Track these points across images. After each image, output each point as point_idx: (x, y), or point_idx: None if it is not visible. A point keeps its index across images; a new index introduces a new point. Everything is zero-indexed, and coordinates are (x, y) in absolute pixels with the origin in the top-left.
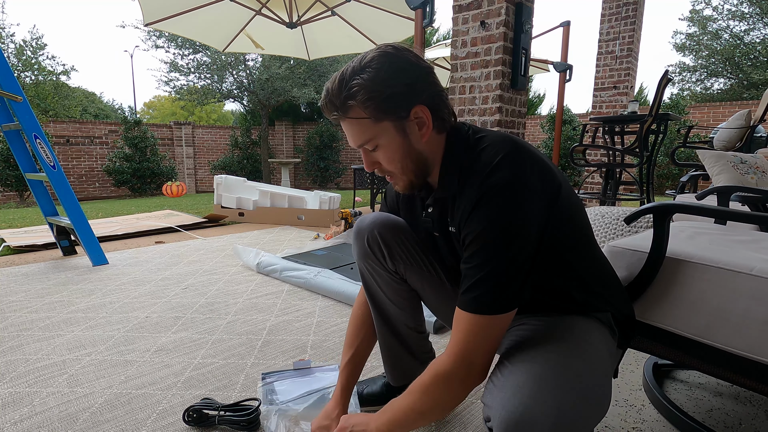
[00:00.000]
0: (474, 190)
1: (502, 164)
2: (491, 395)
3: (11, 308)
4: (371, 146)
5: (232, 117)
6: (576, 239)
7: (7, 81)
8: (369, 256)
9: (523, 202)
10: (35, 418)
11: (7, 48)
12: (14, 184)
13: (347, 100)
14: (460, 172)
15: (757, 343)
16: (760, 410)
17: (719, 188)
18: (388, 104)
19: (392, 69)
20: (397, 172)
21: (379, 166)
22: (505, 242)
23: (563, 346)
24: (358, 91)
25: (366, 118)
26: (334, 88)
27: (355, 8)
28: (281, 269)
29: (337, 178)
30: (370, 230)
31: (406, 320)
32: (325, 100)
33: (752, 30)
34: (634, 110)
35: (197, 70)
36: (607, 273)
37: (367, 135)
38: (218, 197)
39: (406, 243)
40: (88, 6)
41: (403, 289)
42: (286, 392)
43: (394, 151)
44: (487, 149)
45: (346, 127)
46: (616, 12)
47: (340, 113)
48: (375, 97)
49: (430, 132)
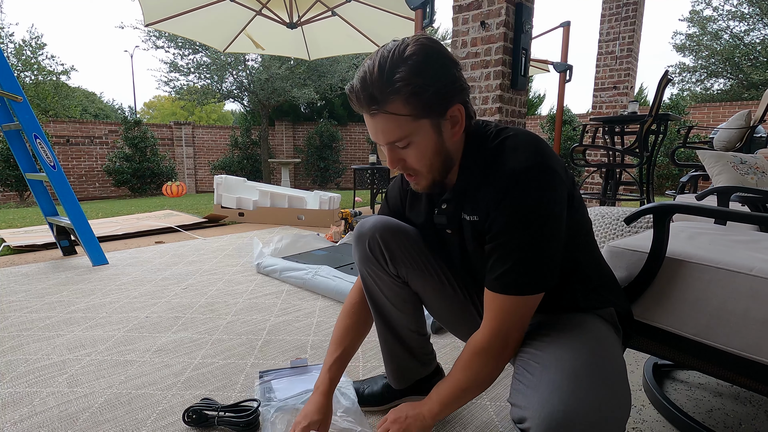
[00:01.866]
0: (503, 176)
1: (529, 150)
2: (524, 396)
3: (11, 308)
4: (403, 144)
5: (232, 117)
6: (583, 236)
7: (7, 81)
8: (370, 260)
9: (554, 185)
10: (35, 418)
11: (6, 48)
12: (14, 184)
13: (391, 94)
14: (484, 164)
15: (756, 343)
16: (760, 410)
17: (719, 188)
18: (430, 102)
19: (436, 65)
20: (424, 171)
21: (403, 164)
22: (539, 223)
23: (587, 344)
24: (404, 86)
25: (405, 115)
26: (374, 79)
27: (355, 8)
28: (281, 269)
29: (337, 178)
30: (371, 234)
31: (408, 323)
32: (362, 92)
33: (752, 30)
34: (634, 110)
35: (197, 70)
36: (607, 272)
37: (401, 132)
38: (218, 197)
39: (408, 246)
40: (87, 6)
41: (405, 292)
42: (284, 390)
43: (427, 149)
44: (511, 138)
45: (378, 121)
46: (616, 12)
47: (379, 106)
48: (419, 93)
49: (462, 131)
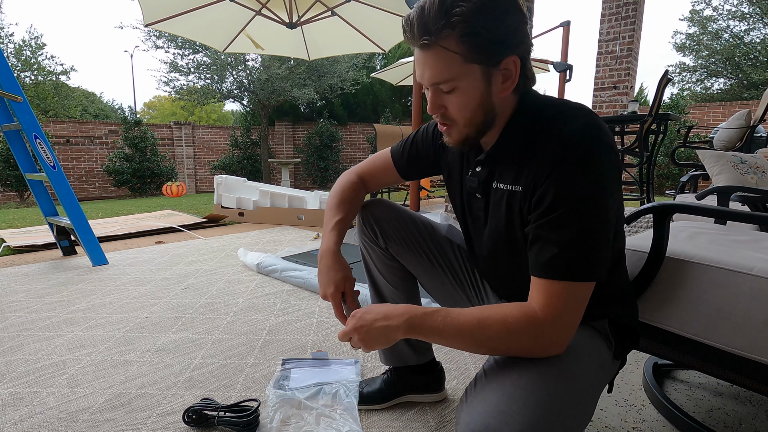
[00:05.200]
0: (559, 146)
1: (589, 125)
2: (460, 410)
3: (11, 308)
4: (448, 87)
5: (232, 117)
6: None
7: (7, 81)
8: (364, 233)
9: (612, 162)
10: (35, 419)
11: (6, 48)
12: (14, 184)
13: (446, 27)
14: (531, 131)
15: (757, 343)
16: (760, 410)
17: (719, 188)
18: (485, 47)
19: (499, 8)
20: (462, 123)
21: (444, 111)
22: (596, 201)
23: (542, 361)
24: (460, 21)
25: (457, 54)
26: (433, 8)
27: (355, 8)
28: (281, 269)
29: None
30: (363, 211)
31: (399, 301)
32: (419, 20)
33: (752, 30)
34: (634, 110)
35: (197, 70)
36: (622, 282)
37: (450, 73)
38: (218, 197)
39: (398, 225)
40: (87, 6)
41: (395, 267)
42: (299, 380)
43: (471, 98)
44: (570, 112)
45: (428, 57)
46: (616, 12)
47: (432, 38)
48: (475, 34)
49: (512, 87)
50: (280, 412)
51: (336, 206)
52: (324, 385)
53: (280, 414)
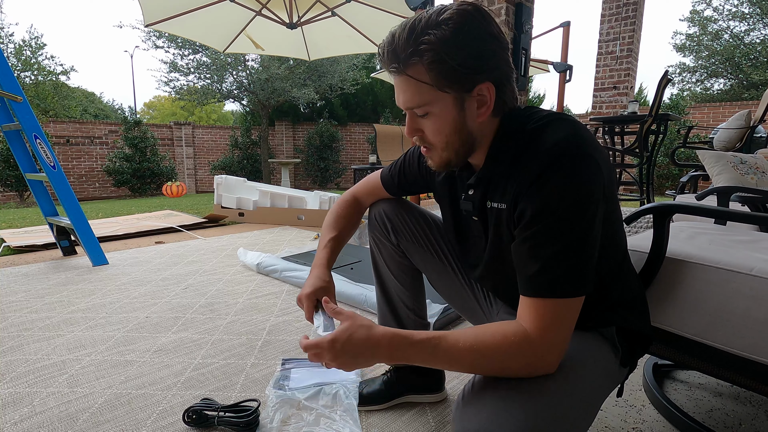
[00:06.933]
0: (538, 160)
1: (569, 136)
2: (456, 411)
3: (11, 308)
4: (422, 112)
5: (232, 117)
6: (610, 238)
7: (7, 81)
8: (375, 227)
9: (593, 174)
10: (35, 419)
11: (6, 48)
12: (14, 184)
13: (413, 55)
14: (516, 150)
15: (757, 343)
16: (760, 410)
17: (719, 188)
18: (454, 75)
19: (470, 36)
20: (440, 147)
21: (421, 134)
22: (578, 215)
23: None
24: (427, 50)
25: (425, 83)
26: (402, 38)
27: (355, 8)
28: (281, 269)
29: (337, 178)
30: (375, 207)
31: (405, 300)
32: (389, 47)
33: (752, 30)
34: (634, 110)
35: (197, 70)
36: (633, 287)
37: (421, 99)
38: (218, 197)
39: (410, 222)
40: (87, 6)
41: (405, 263)
42: (299, 380)
43: (445, 124)
44: (553, 124)
45: (400, 83)
46: (616, 12)
47: (401, 67)
48: (443, 62)
49: (488, 113)
50: (280, 413)
51: (331, 224)
52: (324, 386)
53: (280, 414)
